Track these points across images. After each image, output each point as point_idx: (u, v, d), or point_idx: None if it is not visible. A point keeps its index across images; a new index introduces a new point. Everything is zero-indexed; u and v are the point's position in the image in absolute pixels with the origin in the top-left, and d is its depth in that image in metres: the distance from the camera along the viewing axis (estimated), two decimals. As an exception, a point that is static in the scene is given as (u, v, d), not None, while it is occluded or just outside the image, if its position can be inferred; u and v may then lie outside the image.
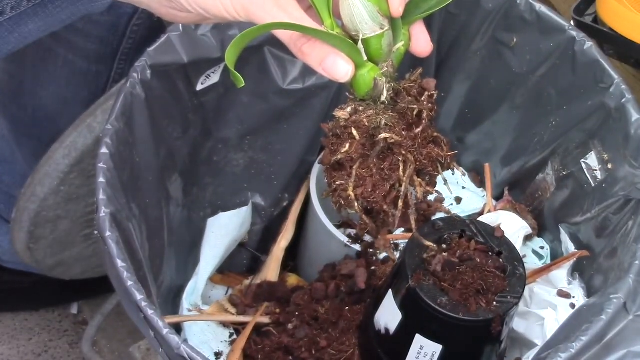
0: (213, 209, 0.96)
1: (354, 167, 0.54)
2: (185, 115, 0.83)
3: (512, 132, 0.94)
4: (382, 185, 0.54)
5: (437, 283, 0.70)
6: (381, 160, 0.54)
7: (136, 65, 0.74)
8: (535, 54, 0.86)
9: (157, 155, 0.79)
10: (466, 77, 0.94)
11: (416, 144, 0.55)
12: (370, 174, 0.54)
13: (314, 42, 0.53)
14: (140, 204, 0.74)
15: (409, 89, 0.57)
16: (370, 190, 0.54)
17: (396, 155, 0.54)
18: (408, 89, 0.57)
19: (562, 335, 0.68)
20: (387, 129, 0.54)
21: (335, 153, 0.55)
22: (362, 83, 0.55)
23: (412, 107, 0.55)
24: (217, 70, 0.82)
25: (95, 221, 0.65)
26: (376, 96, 0.56)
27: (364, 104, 0.56)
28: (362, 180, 0.54)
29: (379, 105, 0.56)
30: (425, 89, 0.57)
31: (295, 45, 0.54)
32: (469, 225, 0.75)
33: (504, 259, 0.73)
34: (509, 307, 0.69)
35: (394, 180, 0.54)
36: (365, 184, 0.54)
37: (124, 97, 0.72)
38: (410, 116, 0.56)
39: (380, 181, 0.54)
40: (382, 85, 0.55)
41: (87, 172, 0.85)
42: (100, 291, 1.11)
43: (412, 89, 0.57)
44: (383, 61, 0.55)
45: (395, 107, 0.56)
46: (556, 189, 0.90)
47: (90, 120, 0.83)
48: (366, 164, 0.54)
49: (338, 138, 0.56)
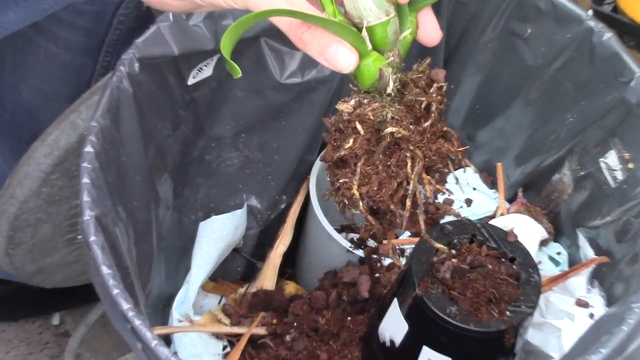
0: (205, 211, 0.96)
1: (358, 164, 0.54)
2: (176, 111, 0.83)
3: (526, 129, 0.94)
4: (388, 183, 0.54)
5: (446, 291, 0.70)
6: (387, 157, 0.54)
7: (123, 58, 0.74)
8: (550, 45, 0.86)
9: (146, 154, 0.79)
10: (477, 71, 0.95)
11: (425, 139, 0.55)
12: (376, 171, 0.54)
13: (314, 30, 0.53)
14: (127, 207, 0.74)
15: (417, 80, 0.56)
16: (376, 189, 0.54)
17: (403, 150, 0.54)
18: (415, 80, 0.56)
19: (580, 348, 0.68)
20: (393, 122, 0.53)
21: (338, 149, 0.55)
22: (367, 74, 0.55)
23: (420, 100, 0.55)
24: (210, 63, 0.82)
25: (79, 225, 0.65)
26: (382, 88, 0.56)
27: (369, 97, 0.56)
28: (367, 178, 0.54)
29: (385, 97, 0.55)
30: (434, 80, 0.57)
31: (295, 34, 0.54)
32: (480, 229, 0.76)
33: (518, 265, 0.73)
34: (523, 317, 0.69)
35: (401, 177, 0.54)
36: (370, 182, 0.54)
37: (110, 91, 0.72)
38: (418, 109, 0.55)
39: (387, 179, 0.54)
40: (388, 76, 0.55)
41: (70, 173, 0.85)
42: (84, 300, 1.11)
43: (420, 81, 0.56)
44: (389, 50, 0.55)
45: (402, 100, 0.55)
46: (573, 190, 0.90)
47: (74, 117, 0.83)
48: (371, 161, 0.54)
49: (341, 133, 0.56)
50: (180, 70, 0.81)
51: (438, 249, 0.70)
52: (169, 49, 0.77)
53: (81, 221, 0.65)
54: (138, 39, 0.75)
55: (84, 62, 0.94)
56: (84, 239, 0.65)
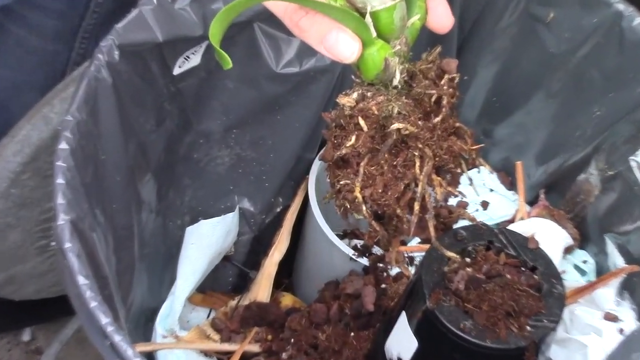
0: (193, 215, 0.96)
1: (361, 164, 0.54)
2: (160, 104, 0.84)
3: (549, 124, 0.94)
4: (394, 184, 0.54)
5: (460, 304, 0.70)
6: (393, 156, 0.54)
7: (102, 45, 0.74)
8: (575, 31, 0.86)
9: (127, 152, 0.79)
10: (494, 59, 0.95)
11: (435, 136, 0.55)
12: (381, 171, 0.54)
13: (313, 16, 0.53)
14: (105, 210, 0.74)
15: (426, 71, 0.56)
16: (380, 191, 0.54)
17: (411, 149, 0.54)
18: (425, 71, 0.56)
19: (609, 366, 0.68)
20: (400, 118, 0.53)
21: (339, 147, 0.55)
22: (371, 64, 0.55)
23: (429, 93, 0.55)
24: (198, 51, 0.83)
25: (53, 230, 0.65)
26: (387, 79, 0.55)
27: (373, 89, 0.55)
28: (371, 179, 0.54)
29: (391, 90, 0.55)
30: (445, 71, 0.56)
31: (291, 19, 0.54)
32: (497, 235, 0.76)
33: (539, 275, 0.73)
34: (545, 332, 0.69)
35: (408, 178, 0.54)
36: (374, 184, 0.54)
37: (87, 82, 0.72)
38: (427, 103, 0.55)
39: (393, 180, 0.54)
40: (394, 66, 0.55)
41: (42, 172, 0.85)
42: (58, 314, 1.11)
43: (430, 71, 0.56)
44: (395, 38, 0.55)
45: (409, 93, 0.55)
46: (601, 191, 0.90)
47: (47, 110, 0.83)
48: (376, 160, 0.54)
49: (342, 130, 0.55)
50: (165, 58, 0.81)
51: (450, 258, 0.70)
52: (153, 34, 0.77)
53: (55, 226, 0.65)
54: (118, 24, 0.75)
55: (58, 49, 0.94)
56: (58, 246, 0.65)
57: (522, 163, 0.97)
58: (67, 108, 0.70)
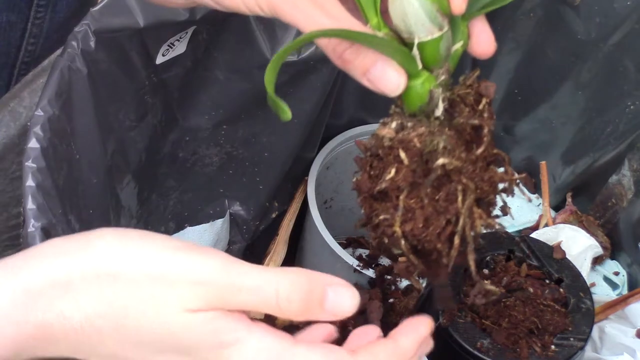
0: (178, 221, 0.97)
1: (401, 198, 0.56)
2: (142, 97, 0.84)
3: (577, 119, 0.94)
4: (436, 219, 0.56)
5: (477, 320, 0.70)
6: (435, 189, 0.56)
7: (76, 31, 0.74)
8: (606, 16, 0.87)
9: (104, 151, 0.79)
10: (515, 47, 0.95)
11: (477, 168, 0.57)
12: (421, 205, 0.56)
13: (358, 47, 0.55)
14: (81, 216, 0.74)
15: (465, 96, 0.58)
16: (421, 226, 0.56)
17: (454, 183, 0.56)
18: (463, 97, 0.58)
19: (643, 390, 0.68)
20: (446, 153, 0.55)
21: (377, 180, 0.57)
22: (416, 96, 0.57)
23: (472, 123, 0.57)
24: (184, 38, 0.83)
25: (22, 238, 0.66)
26: (429, 110, 0.58)
27: (414, 120, 0.58)
28: (410, 213, 0.56)
29: (433, 121, 0.58)
30: (483, 95, 0.58)
31: (335, 51, 0.56)
32: (519, 243, 0.76)
33: (566, 288, 0.73)
34: (572, 352, 0.70)
35: (450, 213, 0.56)
36: (415, 218, 0.56)
37: (59, 73, 0.72)
38: (467, 132, 0.57)
39: (434, 214, 0.56)
40: (438, 97, 0.57)
41: (9, 173, 0.86)
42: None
43: (468, 97, 0.58)
44: (439, 67, 0.58)
45: (451, 123, 0.57)
46: (635, 195, 0.90)
47: (15, 104, 0.84)
48: (416, 194, 0.56)
49: (380, 160, 0.57)
50: (147, 46, 0.81)
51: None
52: (133, 19, 0.77)
53: (24, 233, 0.65)
54: (94, 7, 0.76)
55: (11, 20, 0.93)
56: (28, 256, 0.65)
57: (546, 163, 0.98)
58: (37, 102, 0.71)
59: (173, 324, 0.48)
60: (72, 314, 0.47)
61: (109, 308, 0.47)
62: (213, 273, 0.48)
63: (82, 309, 0.47)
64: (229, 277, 0.48)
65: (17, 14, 0.93)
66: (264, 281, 0.48)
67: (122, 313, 0.47)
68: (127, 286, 0.47)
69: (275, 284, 0.48)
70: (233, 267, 0.48)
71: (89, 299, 0.47)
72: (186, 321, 0.47)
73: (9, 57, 0.85)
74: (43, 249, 0.49)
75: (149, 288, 0.47)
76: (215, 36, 0.85)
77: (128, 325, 0.48)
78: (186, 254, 0.48)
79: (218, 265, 0.48)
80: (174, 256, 0.48)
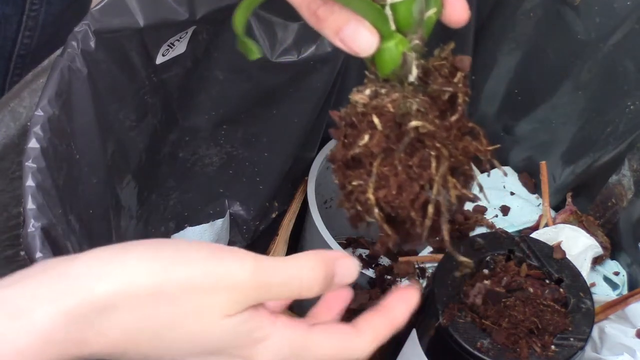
0: (178, 221, 0.97)
1: (374, 164, 0.56)
2: (142, 97, 0.84)
3: (577, 119, 0.94)
4: (409, 186, 0.56)
5: (477, 320, 0.70)
6: (409, 155, 0.56)
7: (76, 31, 0.74)
8: (607, 15, 0.87)
9: (104, 151, 0.79)
10: (515, 47, 0.95)
11: (451, 136, 0.57)
12: (395, 172, 0.56)
13: (332, 5, 0.56)
14: (81, 216, 0.74)
15: (439, 67, 0.59)
16: (394, 193, 0.56)
17: (428, 148, 0.56)
18: (438, 68, 0.58)
19: (643, 390, 0.68)
20: (419, 115, 0.55)
21: (351, 147, 0.57)
22: (389, 59, 0.58)
23: (446, 90, 0.57)
24: (184, 38, 0.83)
25: (22, 238, 0.66)
26: (403, 76, 0.58)
27: (388, 86, 0.58)
28: (384, 180, 0.56)
29: (407, 87, 0.58)
30: (459, 68, 0.59)
31: (309, 8, 0.56)
32: (519, 243, 0.76)
33: (566, 288, 0.73)
34: (572, 352, 0.70)
35: (424, 180, 0.56)
36: (388, 185, 0.56)
37: (59, 73, 0.72)
38: (442, 101, 0.57)
39: (408, 181, 0.56)
40: (411, 61, 0.57)
41: (9, 173, 0.86)
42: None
43: (443, 68, 0.59)
44: (412, 32, 0.58)
45: (425, 90, 0.57)
46: (635, 195, 0.90)
47: (15, 104, 0.84)
48: (390, 160, 0.56)
49: (354, 128, 0.57)
50: (147, 46, 0.81)
51: (462, 262, 0.70)
52: (133, 19, 0.77)
53: (24, 234, 0.65)
54: (94, 7, 0.76)
55: (6, 13, 0.93)
56: (28, 256, 0.65)
57: (546, 163, 0.98)
58: (37, 102, 0.71)
59: (212, 331, 0.49)
60: (112, 333, 0.48)
61: (149, 325, 0.49)
62: (247, 276, 0.49)
63: (123, 328, 0.48)
64: (261, 276, 0.50)
65: (12, 7, 0.93)
66: (290, 275, 0.51)
67: (163, 327, 0.49)
68: (168, 304, 0.48)
69: (299, 276, 0.51)
70: (262, 266, 0.50)
71: (130, 319, 0.48)
72: (224, 326, 0.49)
73: (4, 50, 0.85)
74: (78, 269, 0.49)
75: (189, 302, 0.49)
76: (215, 36, 0.85)
77: (166, 336, 0.49)
78: (219, 260, 0.49)
79: (250, 267, 0.50)
80: (209, 265, 0.49)
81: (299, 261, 0.52)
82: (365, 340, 0.54)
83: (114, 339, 0.48)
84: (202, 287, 0.49)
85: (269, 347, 0.51)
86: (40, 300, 0.47)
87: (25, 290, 0.48)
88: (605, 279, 0.93)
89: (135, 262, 0.49)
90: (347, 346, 0.53)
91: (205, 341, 0.50)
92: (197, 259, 0.49)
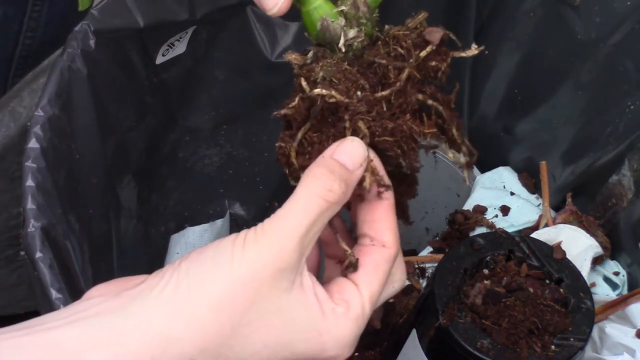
0: (178, 221, 0.97)
1: (301, 129, 0.56)
2: (142, 97, 0.84)
3: (577, 119, 0.94)
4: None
5: (477, 320, 0.70)
6: (330, 126, 0.55)
7: (76, 31, 0.74)
8: (607, 15, 0.87)
9: (104, 151, 0.79)
10: (515, 47, 0.95)
11: (374, 112, 0.55)
12: (320, 140, 0.55)
13: None
14: (81, 216, 0.74)
15: (401, 37, 0.57)
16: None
17: (341, 121, 0.55)
18: (400, 38, 0.57)
19: (643, 390, 0.68)
20: (325, 84, 0.54)
21: (283, 105, 0.57)
22: (307, 22, 0.57)
23: (380, 62, 0.55)
24: (184, 38, 0.83)
25: (22, 238, 0.66)
26: (333, 42, 0.57)
27: (321, 50, 0.57)
28: (310, 147, 0.55)
29: (337, 54, 0.57)
30: (429, 41, 0.56)
31: None
32: (519, 243, 0.76)
33: (566, 288, 0.73)
34: (572, 352, 0.70)
35: None
36: (311, 153, 0.55)
37: (59, 73, 0.72)
38: (384, 74, 0.56)
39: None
40: (335, 28, 0.56)
41: (9, 173, 0.86)
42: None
43: (406, 39, 0.56)
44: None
45: (361, 59, 0.56)
46: (635, 195, 0.90)
47: (15, 104, 0.84)
48: (318, 128, 0.55)
49: (293, 90, 0.58)
50: (147, 46, 0.81)
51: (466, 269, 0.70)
52: (133, 19, 0.77)
53: (24, 233, 0.65)
54: (93, 7, 0.76)
55: (8, 14, 0.93)
56: (28, 256, 0.65)
57: (546, 163, 0.98)
58: (37, 102, 0.71)
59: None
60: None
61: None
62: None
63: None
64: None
65: (14, 7, 0.93)
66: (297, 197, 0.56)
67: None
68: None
69: (308, 185, 0.55)
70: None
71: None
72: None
73: (6, 51, 0.84)
74: (139, 318, 0.51)
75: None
76: (215, 36, 0.85)
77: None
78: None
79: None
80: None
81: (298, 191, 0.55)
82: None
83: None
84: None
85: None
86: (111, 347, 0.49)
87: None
88: (605, 279, 0.93)
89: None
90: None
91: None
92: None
